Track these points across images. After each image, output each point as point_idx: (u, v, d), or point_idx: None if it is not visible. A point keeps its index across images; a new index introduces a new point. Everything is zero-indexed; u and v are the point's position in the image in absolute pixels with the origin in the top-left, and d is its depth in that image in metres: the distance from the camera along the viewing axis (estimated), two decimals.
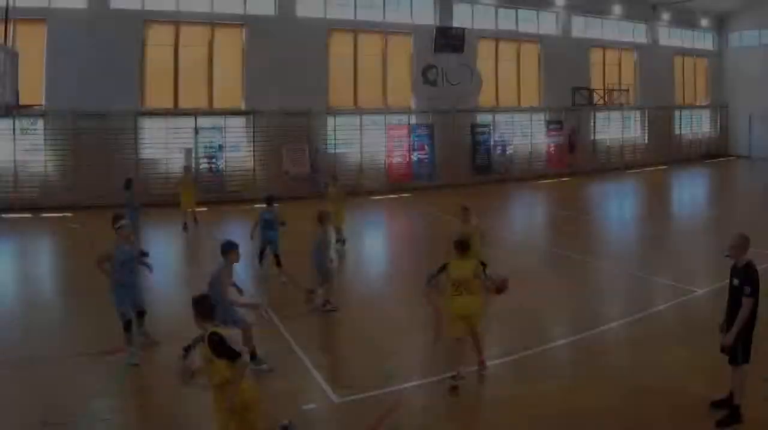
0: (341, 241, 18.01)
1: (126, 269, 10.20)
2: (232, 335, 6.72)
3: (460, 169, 33.12)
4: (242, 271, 13.06)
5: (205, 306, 6.60)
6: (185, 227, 21.42)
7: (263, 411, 6.80)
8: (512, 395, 8.86)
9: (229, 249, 9.61)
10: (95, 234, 19.17)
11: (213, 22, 27.86)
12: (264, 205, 15.43)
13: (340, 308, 12.48)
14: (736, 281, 7.73)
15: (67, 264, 17.21)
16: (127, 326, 10.05)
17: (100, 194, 24.07)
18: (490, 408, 8.79)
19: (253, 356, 9.36)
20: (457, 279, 8.99)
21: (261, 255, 15.34)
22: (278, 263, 14.80)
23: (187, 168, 23.68)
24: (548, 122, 36.39)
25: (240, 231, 17.61)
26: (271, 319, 11.90)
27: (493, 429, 8.31)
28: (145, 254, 17.42)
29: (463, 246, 9.17)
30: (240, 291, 10.20)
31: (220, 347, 6.24)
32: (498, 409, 8.62)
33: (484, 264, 10.29)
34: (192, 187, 22.20)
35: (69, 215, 23.82)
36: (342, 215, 17.80)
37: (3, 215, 23.48)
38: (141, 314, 10.55)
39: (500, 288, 9.53)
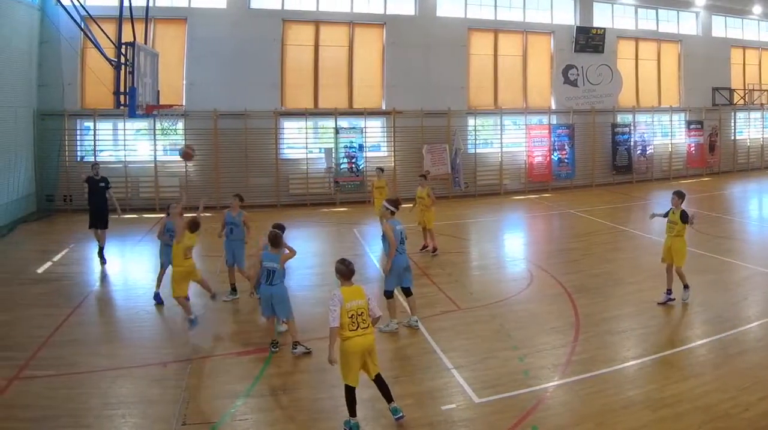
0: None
1: None
2: None
3: (600, 169, 25.72)
4: None
5: None
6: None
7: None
8: (650, 395, 6.77)
9: None
10: None
11: (353, 21, 21.84)
12: None
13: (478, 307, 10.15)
14: None
15: (207, 264, 13.01)
16: None
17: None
18: (627, 408, 6.51)
19: None
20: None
21: None
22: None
23: (379, 170, 16.63)
24: (688, 122, 28.11)
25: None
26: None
27: (629, 429, 6.14)
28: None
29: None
30: None
31: None
32: (635, 408, 6.51)
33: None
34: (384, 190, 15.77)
35: (209, 215, 18.61)
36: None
37: (145, 215, 18.66)
38: None
39: None
